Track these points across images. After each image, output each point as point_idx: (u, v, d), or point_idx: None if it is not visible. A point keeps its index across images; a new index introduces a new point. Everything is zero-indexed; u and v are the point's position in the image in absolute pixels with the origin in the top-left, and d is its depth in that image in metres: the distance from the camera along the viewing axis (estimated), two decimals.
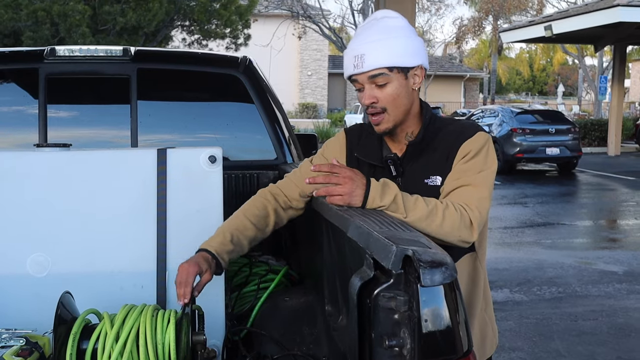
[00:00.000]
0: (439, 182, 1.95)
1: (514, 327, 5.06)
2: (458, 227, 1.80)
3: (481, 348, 2.09)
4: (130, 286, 2.25)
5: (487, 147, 1.94)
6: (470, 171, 1.89)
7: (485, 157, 1.92)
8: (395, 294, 1.32)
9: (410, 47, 1.92)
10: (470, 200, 1.85)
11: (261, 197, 2.18)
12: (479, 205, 1.85)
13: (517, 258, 7.34)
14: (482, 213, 1.86)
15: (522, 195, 12.01)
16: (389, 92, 1.91)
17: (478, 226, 1.84)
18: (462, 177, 1.89)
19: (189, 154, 2.40)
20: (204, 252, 2.01)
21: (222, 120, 3.58)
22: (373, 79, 1.90)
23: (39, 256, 2.25)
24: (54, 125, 3.31)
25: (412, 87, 1.94)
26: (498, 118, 16.28)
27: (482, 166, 1.91)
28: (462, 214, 1.81)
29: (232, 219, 2.13)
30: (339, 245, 1.92)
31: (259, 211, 2.14)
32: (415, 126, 2.00)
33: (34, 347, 1.89)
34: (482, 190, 1.88)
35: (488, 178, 1.92)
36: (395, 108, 1.93)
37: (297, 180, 2.19)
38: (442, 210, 1.80)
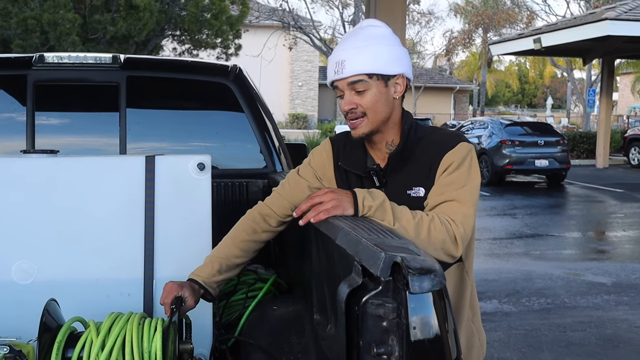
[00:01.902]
0: (421, 194, 1.93)
1: (502, 338, 5.06)
2: (443, 240, 1.78)
3: (468, 358, 2.08)
4: (117, 294, 2.23)
5: (470, 158, 1.92)
6: (454, 184, 1.87)
7: (469, 169, 1.90)
8: (384, 301, 1.30)
9: (392, 56, 1.91)
10: (455, 215, 1.82)
11: (250, 221, 2.17)
12: (464, 222, 1.82)
13: (506, 269, 7.35)
14: (467, 230, 1.83)
15: (511, 207, 12.04)
16: (368, 99, 1.90)
17: (462, 242, 1.81)
18: (446, 192, 1.86)
19: (177, 161, 2.39)
20: (192, 282, 2.05)
21: (211, 129, 3.57)
22: (353, 85, 1.90)
23: (24, 263, 2.22)
24: (42, 132, 3.29)
25: (393, 95, 1.93)
26: (487, 130, 16.36)
27: (465, 179, 1.88)
28: (447, 228, 1.79)
29: (221, 247, 2.14)
30: (327, 253, 1.91)
31: (248, 236, 2.15)
32: (396, 135, 1.99)
33: (17, 355, 1.86)
34: (467, 206, 1.85)
35: (472, 193, 1.89)
36: (374, 114, 1.92)
37: (286, 194, 2.17)
38: (427, 222, 1.77)
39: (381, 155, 2.02)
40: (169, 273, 2.26)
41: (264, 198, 3.30)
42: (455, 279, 2.02)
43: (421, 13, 37.01)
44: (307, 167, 2.17)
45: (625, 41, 16.59)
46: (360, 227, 1.65)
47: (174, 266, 2.27)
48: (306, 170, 2.17)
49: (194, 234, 2.31)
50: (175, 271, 2.26)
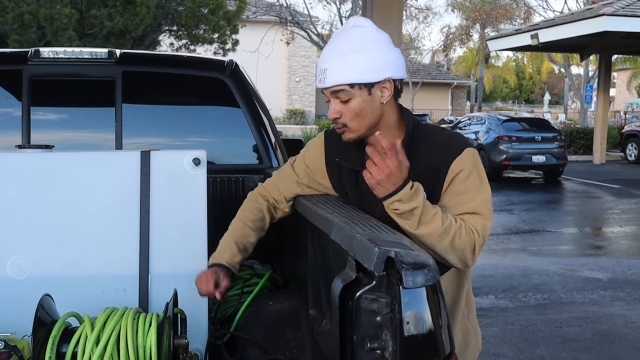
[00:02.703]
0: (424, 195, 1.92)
1: (499, 334, 5.07)
2: (464, 249, 1.80)
3: (464, 354, 2.09)
4: (112, 289, 2.22)
5: (478, 165, 1.92)
6: (469, 194, 1.86)
7: (479, 176, 1.90)
8: (378, 296, 1.31)
9: (374, 63, 1.86)
10: (478, 226, 1.84)
11: (253, 202, 2.28)
12: (484, 233, 1.85)
13: (503, 265, 7.36)
14: (485, 239, 1.86)
15: (508, 203, 12.05)
16: (352, 108, 1.88)
17: (479, 252, 1.84)
18: (466, 203, 1.86)
19: (172, 156, 2.38)
20: (218, 266, 2.14)
21: (207, 124, 3.57)
22: (336, 95, 1.89)
23: (19, 258, 2.22)
24: (38, 128, 3.28)
25: (380, 101, 1.89)
26: (485, 125, 16.37)
27: (479, 188, 1.88)
28: (470, 238, 1.80)
29: (234, 230, 2.24)
30: (322, 248, 1.91)
31: (254, 216, 2.25)
32: (395, 135, 1.93)
33: (12, 350, 1.86)
34: (487, 218, 1.87)
35: (489, 202, 1.90)
36: (357, 123, 1.90)
37: (280, 185, 2.23)
38: (454, 230, 1.78)
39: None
40: (164, 268, 2.26)
41: None
42: (452, 276, 2.02)
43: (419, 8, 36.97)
44: (301, 162, 2.20)
45: (623, 37, 16.61)
46: (355, 222, 1.65)
47: (169, 261, 2.27)
48: (300, 165, 2.19)
49: (189, 229, 2.31)
50: (171, 266, 2.26)
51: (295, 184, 2.20)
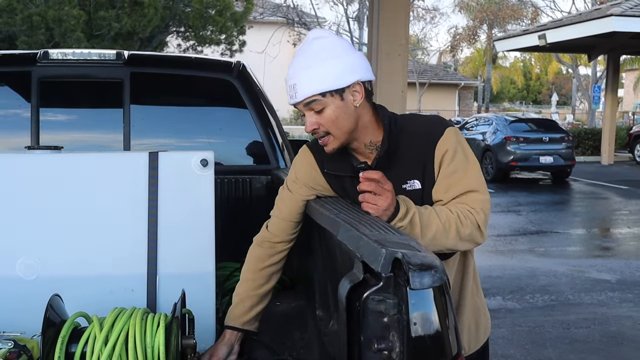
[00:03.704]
0: (417, 186, 1.94)
1: (506, 335, 5.06)
2: (470, 233, 1.84)
3: (475, 335, 2.10)
4: (121, 290, 2.24)
5: (461, 141, 1.94)
6: (457, 173, 1.89)
7: (464, 152, 1.92)
8: (385, 297, 1.31)
9: (340, 69, 1.87)
10: (474, 203, 1.87)
11: (260, 248, 2.21)
12: (484, 207, 1.89)
13: (510, 266, 7.35)
14: (487, 214, 1.90)
15: (515, 204, 12.03)
16: (327, 116, 1.88)
17: (485, 227, 1.88)
18: (456, 185, 1.89)
19: (180, 157, 2.39)
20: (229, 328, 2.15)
21: (215, 125, 3.58)
22: (309, 106, 1.89)
23: (28, 259, 2.23)
24: (47, 129, 3.30)
25: (353, 104, 1.90)
26: (492, 126, 16.32)
27: (466, 165, 1.91)
28: (471, 220, 1.84)
29: (245, 283, 2.20)
30: (329, 249, 1.92)
31: (263, 263, 2.19)
32: (374, 134, 1.96)
33: (22, 350, 1.87)
34: (482, 192, 1.90)
35: (478, 176, 1.93)
36: (337, 130, 1.90)
37: (284, 215, 2.18)
38: (454, 221, 1.82)
39: (364, 155, 2.00)
40: (173, 269, 2.27)
41: (267, 195, 3.34)
42: (459, 255, 2.03)
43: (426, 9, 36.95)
44: (295, 183, 2.15)
45: (631, 37, 16.53)
46: (362, 223, 1.65)
47: (178, 262, 2.28)
48: (295, 186, 2.14)
49: (197, 230, 2.32)
50: (179, 267, 2.27)
51: (303, 203, 2.15)
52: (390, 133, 1.94)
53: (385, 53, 6.12)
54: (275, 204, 2.21)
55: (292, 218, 2.16)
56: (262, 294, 2.18)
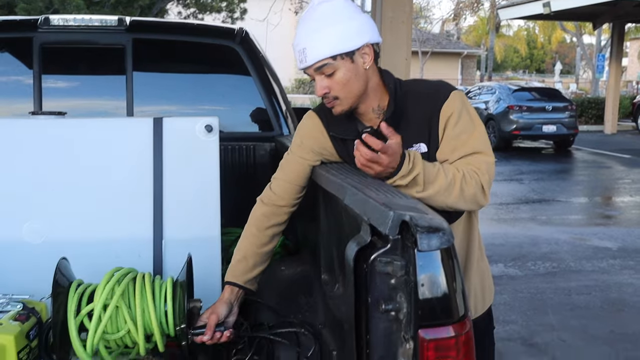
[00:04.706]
0: (423, 149, 1.93)
1: (508, 301, 5.10)
2: (474, 194, 1.83)
3: (482, 299, 2.12)
4: (127, 254, 2.25)
5: (466, 104, 1.94)
6: (463, 134, 1.89)
7: (469, 115, 1.92)
8: (392, 259, 1.32)
9: (351, 30, 1.86)
10: (480, 165, 1.87)
11: (263, 208, 2.17)
12: (489, 169, 1.88)
13: (512, 234, 7.38)
14: (492, 176, 1.89)
15: (517, 172, 12.02)
16: (338, 80, 1.88)
17: (489, 190, 1.88)
18: (461, 147, 1.89)
19: (185, 123, 2.39)
20: (230, 284, 2.10)
21: (218, 92, 3.57)
22: (320, 70, 1.88)
23: (34, 223, 2.24)
24: (49, 95, 3.29)
25: (363, 67, 1.90)
26: (495, 95, 16.25)
27: (472, 127, 1.91)
28: (476, 181, 1.84)
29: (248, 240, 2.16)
30: (335, 214, 1.92)
31: (268, 222, 2.16)
32: (381, 99, 1.96)
33: (30, 312, 1.90)
34: (487, 154, 1.90)
35: (484, 138, 1.93)
36: (347, 93, 1.90)
37: (289, 178, 2.15)
38: (460, 180, 1.81)
39: (370, 120, 1.99)
40: (178, 234, 2.29)
41: (271, 162, 3.34)
42: (464, 220, 2.04)
43: None
44: (300, 147, 2.13)
45: (636, 5, 16.33)
46: (368, 187, 1.65)
47: (183, 227, 2.29)
48: (301, 151, 2.12)
49: (202, 195, 2.32)
50: (184, 232, 2.28)
51: (309, 168, 2.14)
52: (396, 97, 1.94)
53: (389, 20, 6.06)
54: (279, 166, 2.20)
55: (298, 182, 2.15)
56: (265, 253, 2.17)
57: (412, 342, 1.28)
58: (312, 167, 2.13)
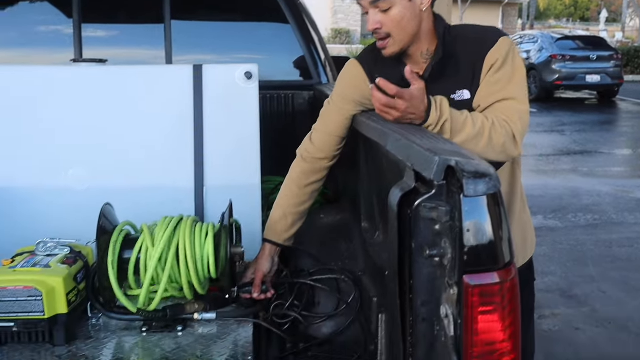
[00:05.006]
0: (466, 96, 1.89)
1: (547, 253, 5.06)
2: (503, 143, 1.77)
3: (523, 250, 2.10)
4: (169, 201, 2.27)
5: (512, 53, 1.87)
6: (501, 82, 1.84)
7: (513, 64, 1.86)
8: (437, 205, 1.30)
9: None
10: (512, 114, 1.81)
11: (304, 163, 2.16)
12: (521, 118, 1.82)
13: (553, 185, 7.27)
14: (524, 126, 1.83)
15: (559, 124, 11.78)
16: (393, 17, 1.83)
17: (521, 140, 1.81)
18: (496, 92, 1.83)
19: (225, 70, 2.38)
20: (268, 241, 2.14)
21: (257, 40, 3.55)
22: (375, 4, 1.83)
23: (79, 170, 2.28)
24: (89, 44, 3.31)
25: (420, 7, 1.85)
26: (537, 44, 15.82)
27: (512, 75, 1.85)
28: (506, 130, 1.78)
29: (288, 198, 2.17)
30: (376, 161, 1.90)
31: (308, 179, 2.16)
32: (430, 43, 1.91)
33: (77, 256, 1.94)
34: (521, 102, 1.84)
35: (522, 87, 1.87)
36: (400, 32, 1.85)
37: (329, 129, 2.13)
38: (488, 129, 1.76)
39: (417, 64, 1.95)
40: (219, 180, 2.30)
41: (310, 110, 3.32)
42: (507, 171, 2.00)
43: None
44: (341, 97, 2.10)
45: None
46: (411, 133, 1.63)
47: (224, 174, 2.31)
48: (342, 100, 2.09)
49: (243, 142, 2.33)
50: (225, 178, 2.30)
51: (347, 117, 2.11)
52: (444, 42, 1.90)
53: None
54: (319, 117, 2.18)
55: (338, 133, 2.13)
56: (304, 211, 2.18)
57: (456, 288, 1.27)
58: (353, 117, 2.11)
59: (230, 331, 1.92)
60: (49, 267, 1.84)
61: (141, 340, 1.87)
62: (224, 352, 1.80)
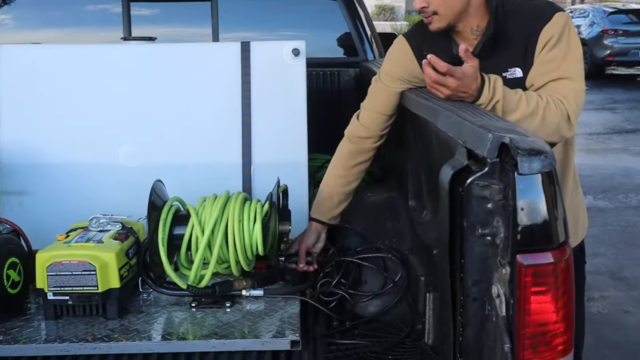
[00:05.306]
0: (518, 74, 1.84)
1: (597, 234, 4.94)
2: (557, 124, 1.73)
3: (574, 232, 2.05)
4: (217, 178, 2.29)
5: (568, 29, 1.81)
6: (556, 60, 1.78)
7: (568, 40, 1.80)
8: (490, 183, 1.27)
9: None
10: (567, 93, 1.76)
11: (352, 144, 2.16)
12: (576, 97, 1.77)
13: (603, 165, 7.08)
14: (579, 105, 1.78)
15: (610, 101, 11.44)
16: None
17: (575, 120, 1.77)
18: (551, 70, 1.78)
19: (272, 46, 2.38)
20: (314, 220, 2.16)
21: (302, 17, 3.53)
22: None
23: (130, 147, 2.32)
24: (137, 23, 3.34)
25: None
26: (588, 19, 15.33)
27: (566, 52, 1.79)
28: (561, 110, 1.73)
29: (335, 178, 2.18)
30: (425, 138, 1.88)
31: (355, 159, 2.17)
32: (481, 19, 1.86)
33: (129, 232, 1.98)
34: (576, 81, 1.79)
35: (577, 65, 1.81)
36: (446, 9, 1.81)
37: (377, 107, 2.12)
38: (543, 108, 1.72)
39: (467, 40, 1.90)
40: (266, 158, 2.31)
41: (356, 87, 3.29)
42: (560, 152, 1.95)
43: None
44: (388, 75, 2.07)
45: None
46: (462, 109, 1.60)
47: (271, 151, 2.32)
48: (389, 79, 2.07)
49: (290, 119, 2.33)
50: (272, 156, 2.30)
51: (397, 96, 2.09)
52: (496, 17, 1.84)
53: None
54: (367, 95, 2.16)
55: (385, 111, 2.11)
56: (350, 191, 2.19)
57: (508, 268, 1.25)
58: (401, 93, 2.08)
59: (278, 308, 1.94)
60: (101, 242, 1.88)
61: (190, 315, 1.90)
62: (271, 328, 1.82)
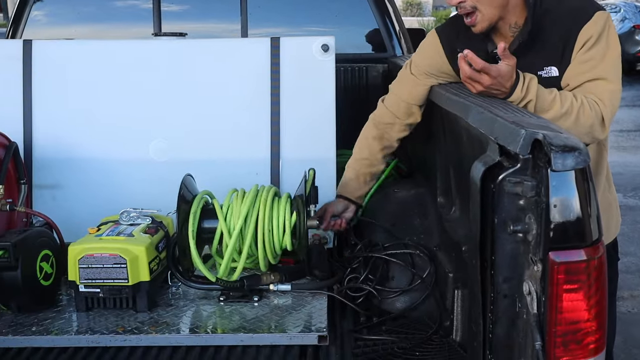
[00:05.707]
0: (554, 73, 1.82)
1: (626, 232, 4.86)
2: (591, 125, 1.72)
3: (607, 230, 2.02)
4: (245, 173, 2.30)
5: (608, 29, 1.77)
6: (594, 60, 1.75)
7: (607, 40, 1.77)
8: (522, 179, 1.26)
9: None
10: (602, 94, 1.74)
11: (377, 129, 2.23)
12: (612, 99, 1.74)
13: (634, 162, 6.97)
14: (615, 107, 1.76)
15: None
16: None
17: (610, 123, 1.75)
18: (588, 71, 1.76)
19: (302, 42, 2.39)
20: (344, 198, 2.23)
21: (331, 13, 3.53)
22: None
23: (160, 142, 2.34)
24: (167, 19, 3.37)
25: None
26: (620, 14, 15.06)
27: (605, 53, 1.76)
28: (595, 111, 1.71)
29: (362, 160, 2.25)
30: (455, 134, 1.86)
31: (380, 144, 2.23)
32: (519, 16, 1.83)
33: (159, 225, 2.00)
34: (613, 82, 1.76)
35: (616, 66, 1.78)
36: (486, 5, 1.78)
37: (404, 96, 2.14)
38: (577, 109, 1.70)
39: (504, 38, 1.88)
40: (295, 154, 2.32)
41: (383, 83, 3.28)
42: (593, 150, 1.92)
43: None
44: (417, 68, 2.10)
45: None
46: (493, 106, 1.59)
47: (300, 146, 2.32)
48: (418, 71, 2.09)
49: (319, 115, 2.33)
50: (301, 151, 2.31)
51: (423, 89, 2.10)
52: (534, 14, 1.81)
53: None
54: (396, 78, 2.19)
55: (410, 100, 2.13)
56: (375, 172, 2.27)
57: (540, 265, 1.24)
58: (427, 88, 2.08)
59: (305, 303, 1.95)
60: (132, 236, 1.90)
61: (219, 309, 1.91)
62: (299, 323, 1.83)
